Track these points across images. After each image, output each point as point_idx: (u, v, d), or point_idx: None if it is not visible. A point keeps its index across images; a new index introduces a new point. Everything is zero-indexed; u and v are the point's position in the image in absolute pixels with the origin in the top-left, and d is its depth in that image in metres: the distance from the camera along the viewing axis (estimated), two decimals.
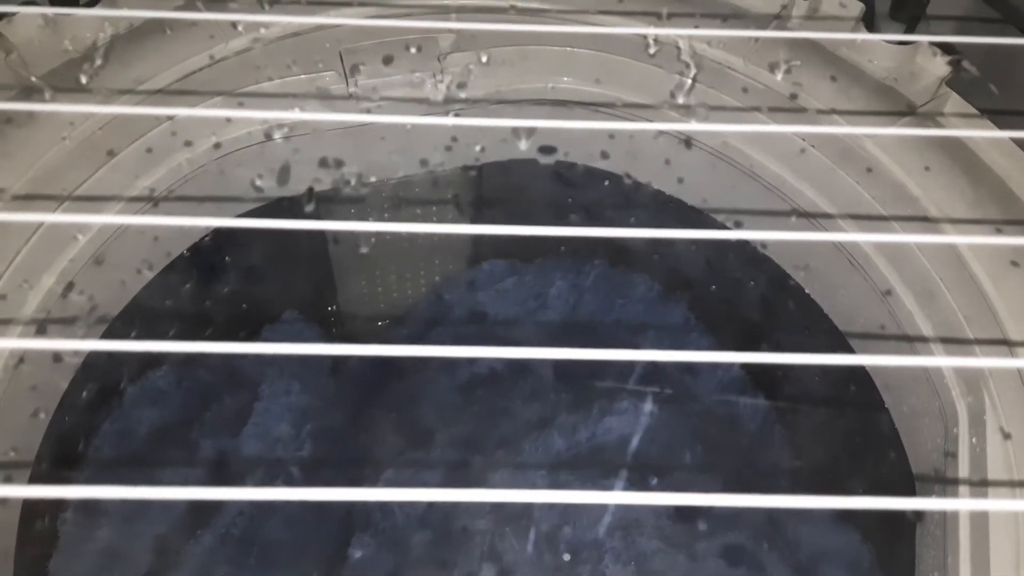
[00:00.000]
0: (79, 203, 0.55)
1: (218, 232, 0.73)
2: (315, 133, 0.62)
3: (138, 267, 0.64)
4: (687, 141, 0.64)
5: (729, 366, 0.89)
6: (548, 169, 0.75)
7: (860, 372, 0.72)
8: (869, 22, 0.73)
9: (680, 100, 0.61)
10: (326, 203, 0.71)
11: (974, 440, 0.56)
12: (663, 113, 0.62)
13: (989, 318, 0.56)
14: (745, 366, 0.90)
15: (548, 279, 0.94)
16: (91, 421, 0.76)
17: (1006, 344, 0.54)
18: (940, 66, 0.62)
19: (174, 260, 0.72)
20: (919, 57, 0.63)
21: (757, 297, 0.84)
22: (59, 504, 0.70)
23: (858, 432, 0.78)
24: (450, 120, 0.37)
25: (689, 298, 0.92)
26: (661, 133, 0.63)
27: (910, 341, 0.61)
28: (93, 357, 0.67)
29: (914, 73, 0.63)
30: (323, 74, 0.64)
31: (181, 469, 0.80)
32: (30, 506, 0.62)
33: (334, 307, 0.94)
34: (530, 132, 0.60)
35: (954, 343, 0.57)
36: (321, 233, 0.87)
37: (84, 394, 0.69)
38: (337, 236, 0.86)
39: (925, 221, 0.57)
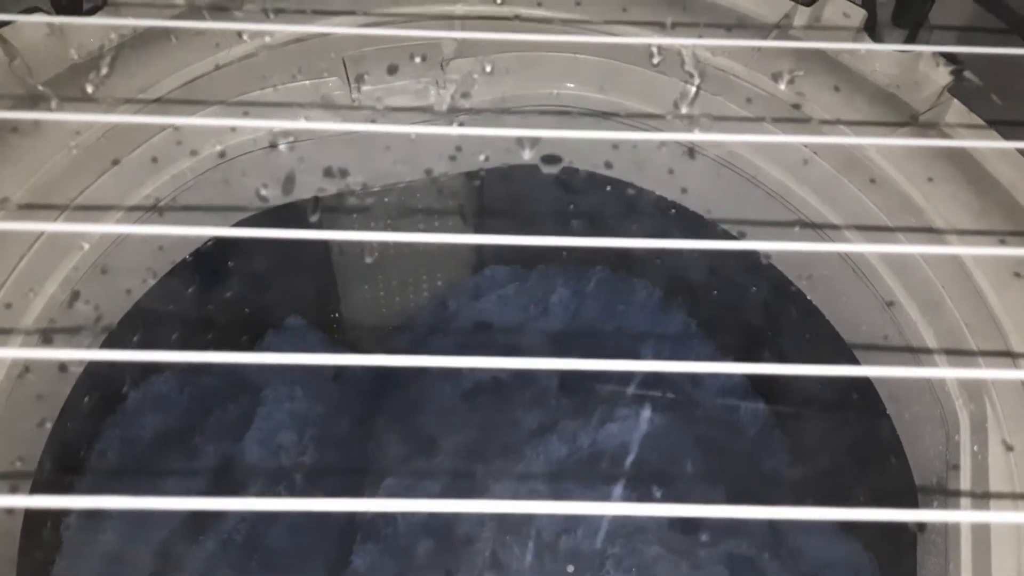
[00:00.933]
0: (83, 212, 0.55)
1: (222, 237, 0.73)
2: (320, 142, 0.62)
3: (143, 276, 0.64)
4: (691, 151, 0.64)
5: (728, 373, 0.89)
6: (552, 175, 0.75)
7: (862, 379, 0.72)
8: (871, 29, 0.73)
9: (684, 110, 0.61)
10: (330, 212, 0.71)
11: (975, 448, 0.56)
12: (667, 123, 0.62)
13: (993, 329, 0.56)
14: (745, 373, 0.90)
15: (550, 285, 0.94)
16: (94, 425, 0.76)
17: (1009, 356, 0.54)
18: (943, 74, 0.62)
19: (177, 265, 0.72)
20: (922, 64, 0.63)
21: (759, 303, 0.84)
22: (62, 509, 0.70)
23: (860, 438, 0.78)
24: (454, 130, 0.37)
25: (691, 304, 0.93)
26: (664, 143, 0.63)
27: (914, 353, 0.61)
28: (96, 362, 0.67)
29: (917, 81, 0.63)
30: (327, 80, 0.64)
31: (184, 474, 0.80)
32: (33, 511, 0.62)
33: (337, 313, 0.94)
34: (534, 142, 0.60)
35: (958, 354, 0.57)
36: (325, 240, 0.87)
37: (87, 399, 0.69)
38: (342, 245, 0.86)
39: (931, 232, 0.57)
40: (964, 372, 0.54)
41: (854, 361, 0.73)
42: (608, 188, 0.77)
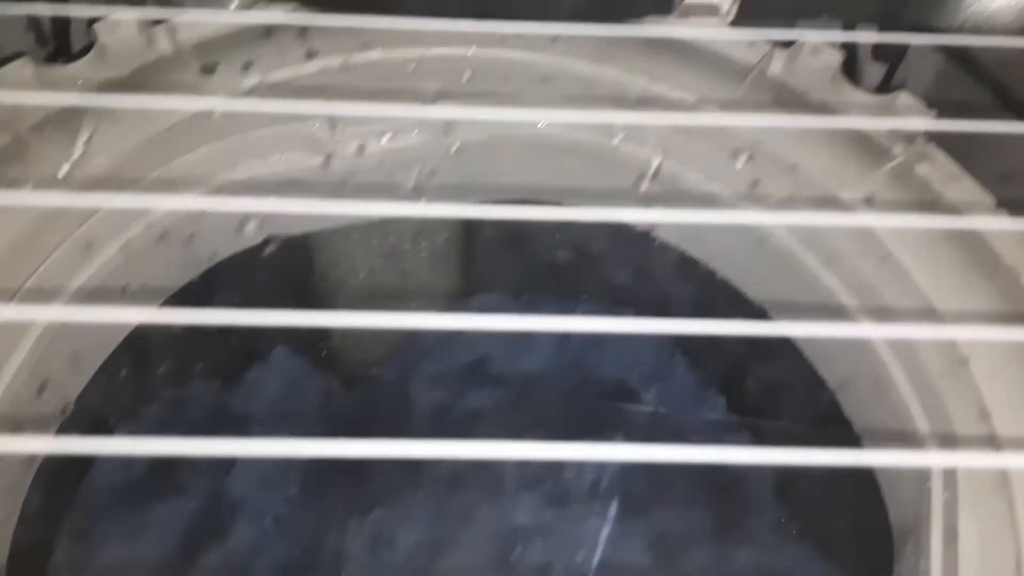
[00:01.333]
0: (39, 294, 0.55)
1: (212, 270, 0.73)
2: (288, 221, 0.63)
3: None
4: (648, 232, 0.65)
5: (714, 403, 0.90)
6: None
7: (841, 417, 0.73)
8: (851, 69, 0.74)
9: (644, 188, 0.62)
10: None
11: (947, 496, 0.57)
12: (629, 203, 0.63)
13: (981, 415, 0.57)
14: (729, 403, 0.90)
15: (537, 314, 0.94)
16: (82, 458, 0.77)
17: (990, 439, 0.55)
18: (922, 122, 0.63)
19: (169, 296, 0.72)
20: (900, 104, 0.64)
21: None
22: (48, 554, 0.71)
23: (838, 473, 0.78)
24: (420, 209, 0.37)
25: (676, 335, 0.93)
26: (625, 224, 0.64)
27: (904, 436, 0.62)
28: (87, 392, 0.68)
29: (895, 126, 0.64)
30: (311, 121, 0.64)
31: (172, 507, 0.81)
32: (16, 562, 0.62)
33: (324, 342, 0.95)
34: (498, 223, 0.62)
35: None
36: (311, 268, 0.87)
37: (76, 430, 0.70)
38: (326, 274, 0.86)
39: (928, 312, 0.58)
40: (949, 458, 0.55)
41: (830, 394, 0.74)
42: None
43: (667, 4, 0.58)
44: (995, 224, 0.57)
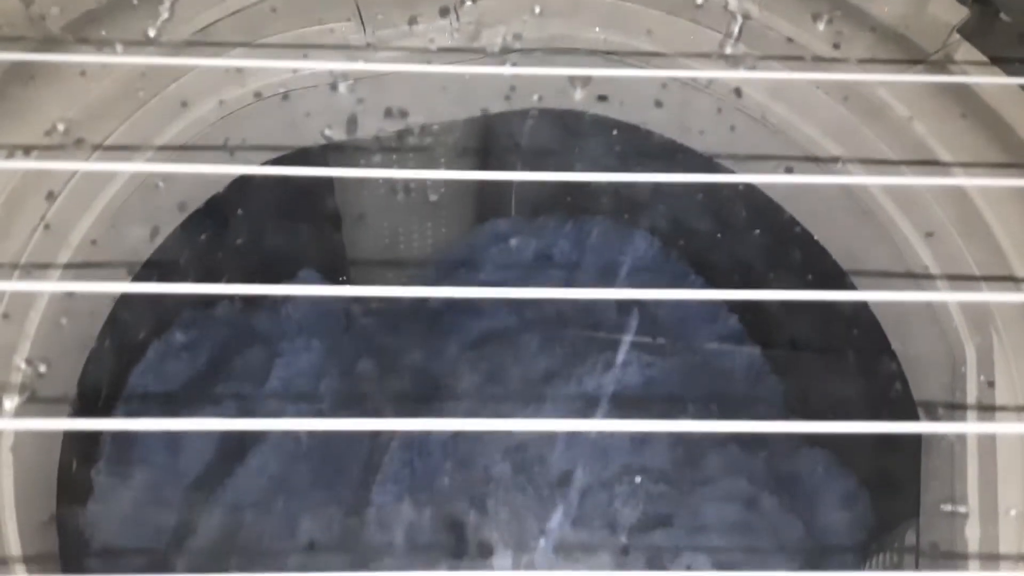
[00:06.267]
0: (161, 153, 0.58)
1: (236, 184, 0.73)
2: (379, 82, 0.63)
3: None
4: (737, 90, 0.64)
5: (726, 319, 0.90)
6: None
7: (866, 315, 0.72)
8: None
9: (728, 50, 0.61)
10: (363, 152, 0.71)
11: (982, 378, 0.57)
12: (713, 62, 0.63)
13: (997, 256, 0.57)
14: (743, 318, 0.90)
15: (551, 237, 0.94)
16: (121, 367, 0.77)
17: (1012, 280, 0.55)
18: (953, 12, 0.62)
19: (191, 214, 0.72)
20: (931, 4, 0.63)
21: (763, 247, 0.85)
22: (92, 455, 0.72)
23: (864, 374, 0.79)
24: (507, 70, 0.37)
25: (693, 250, 0.93)
26: (711, 82, 0.64)
27: (916, 278, 0.61)
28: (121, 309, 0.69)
29: (926, 20, 0.63)
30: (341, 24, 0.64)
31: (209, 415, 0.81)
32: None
33: (345, 264, 0.95)
34: (585, 82, 0.62)
35: (961, 279, 0.58)
36: (331, 188, 0.87)
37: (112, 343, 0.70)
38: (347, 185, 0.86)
39: (935, 165, 0.58)
40: (967, 296, 0.55)
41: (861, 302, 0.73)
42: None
43: None
44: None
